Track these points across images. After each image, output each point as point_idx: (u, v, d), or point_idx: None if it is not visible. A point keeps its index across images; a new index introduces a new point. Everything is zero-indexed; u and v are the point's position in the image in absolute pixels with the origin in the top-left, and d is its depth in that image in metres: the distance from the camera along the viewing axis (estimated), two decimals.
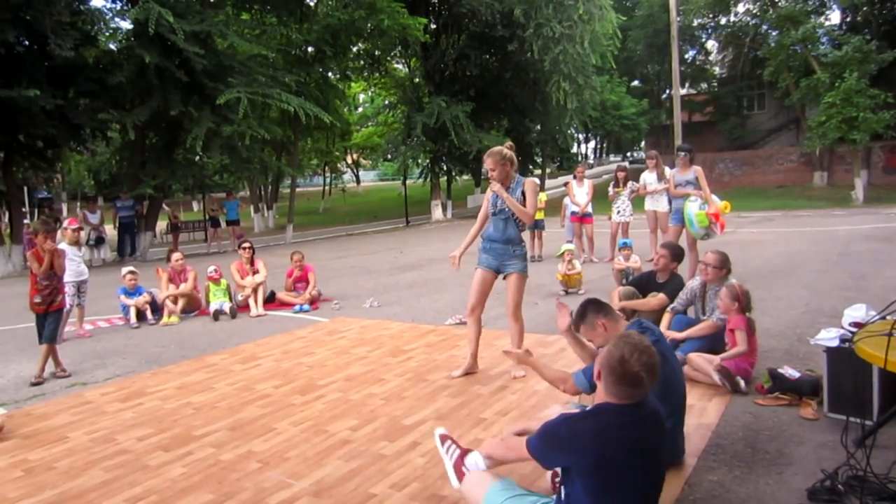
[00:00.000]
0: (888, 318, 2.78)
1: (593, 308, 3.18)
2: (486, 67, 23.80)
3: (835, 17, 26.94)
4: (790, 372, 4.10)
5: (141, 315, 7.59)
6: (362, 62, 24.44)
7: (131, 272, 7.76)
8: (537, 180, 6.14)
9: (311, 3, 20.78)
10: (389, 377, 4.89)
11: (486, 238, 4.71)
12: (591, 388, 3.02)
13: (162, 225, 20.70)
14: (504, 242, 4.62)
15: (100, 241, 15.73)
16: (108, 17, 16.26)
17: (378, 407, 4.23)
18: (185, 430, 3.96)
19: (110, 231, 16.72)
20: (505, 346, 4.60)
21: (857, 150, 21.45)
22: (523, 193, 4.58)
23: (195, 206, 39.53)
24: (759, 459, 3.23)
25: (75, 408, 4.54)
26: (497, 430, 3.67)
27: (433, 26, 23.79)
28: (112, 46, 17.17)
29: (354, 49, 22.87)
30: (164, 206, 18.60)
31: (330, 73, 22.48)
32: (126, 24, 16.77)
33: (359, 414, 4.12)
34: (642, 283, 5.48)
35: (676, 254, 5.33)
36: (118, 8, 16.43)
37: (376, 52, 23.42)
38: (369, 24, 19.25)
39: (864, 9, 24.24)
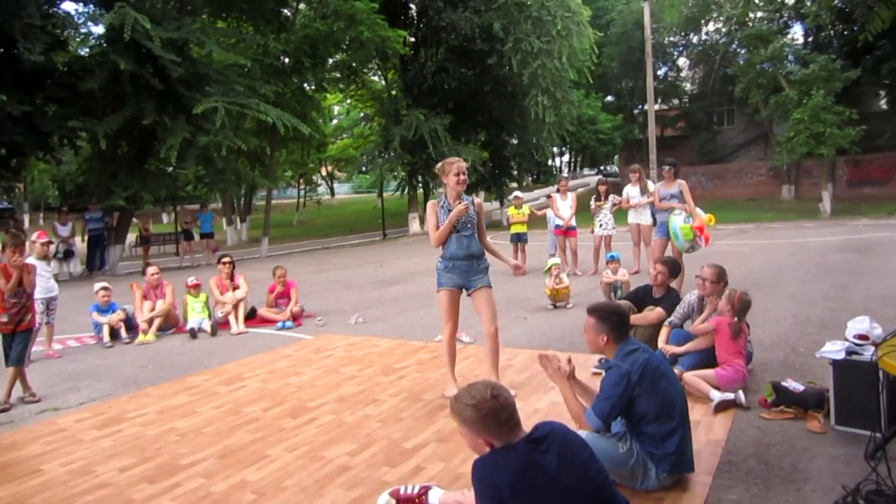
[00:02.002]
0: None
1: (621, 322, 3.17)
2: (465, 81, 23.79)
3: (798, 35, 27.74)
4: (794, 385, 4.06)
5: (115, 333, 7.25)
6: (339, 74, 24.27)
7: (105, 288, 7.45)
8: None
9: (290, 14, 20.58)
10: (384, 397, 4.70)
11: (447, 258, 4.55)
12: (605, 426, 3.02)
13: (131, 237, 20.17)
14: (468, 259, 4.52)
15: (69, 254, 15.20)
16: (79, 22, 15.82)
17: (375, 430, 4.05)
18: (170, 459, 3.72)
19: (79, 244, 16.18)
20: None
21: (823, 164, 22.00)
22: (476, 213, 4.56)
23: (165, 217, 38.80)
24: (775, 476, 3.15)
25: (48, 436, 4.25)
26: None
27: (412, 39, 23.79)
28: (84, 52, 16.70)
29: (331, 60, 22.71)
30: (133, 217, 18.10)
31: (305, 85, 22.26)
32: (98, 29, 16.38)
33: (355, 437, 3.93)
34: (638, 298, 5.40)
35: (674, 269, 5.29)
36: (90, 12, 15.97)
37: (353, 64, 23.29)
38: (348, 36, 19.10)
39: (828, 28, 24.97)
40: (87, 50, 16.60)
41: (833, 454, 3.33)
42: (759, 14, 26.07)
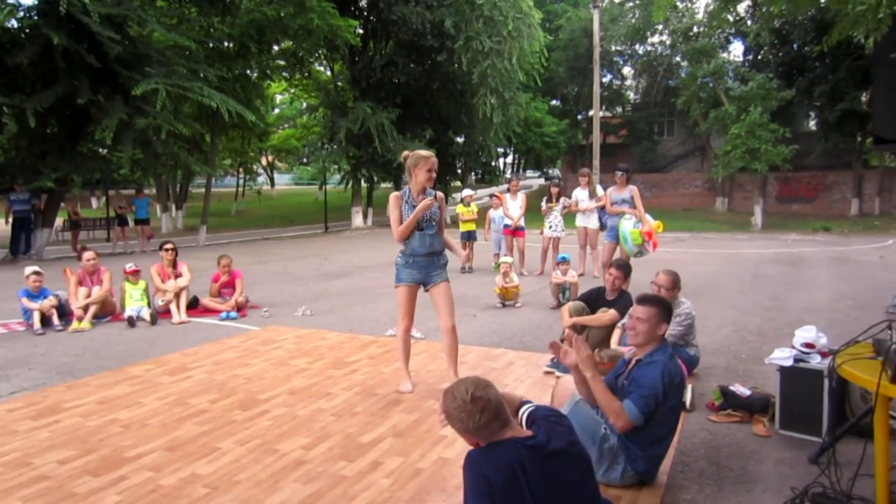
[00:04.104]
0: (863, 341, 2.85)
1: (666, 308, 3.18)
2: (414, 76, 23.69)
3: (737, 50, 28.98)
4: (741, 389, 4.19)
5: (46, 320, 6.82)
6: (284, 61, 23.74)
7: (36, 273, 7.00)
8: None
9: None
10: (336, 391, 4.61)
11: (407, 254, 4.52)
12: (644, 420, 2.96)
13: (59, 221, 19.13)
14: (429, 255, 4.51)
15: None
16: None
17: (329, 423, 3.96)
18: (114, 452, 3.52)
19: (1, 226, 15.23)
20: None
21: (756, 179, 23.06)
22: (439, 209, 4.56)
23: (94, 202, 37.02)
24: (726, 477, 3.25)
25: None
26: (459, 447, 3.49)
27: (360, 31, 23.51)
28: (12, 24, 15.65)
29: (277, 47, 22.18)
30: (62, 201, 17.16)
31: (249, 71, 21.63)
32: (28, 1, 15.41)
33: (310, 431, 3.83)
34: (591, 299, 5.47)
35: (627, 272, 5.39)
36: None
37: (300, 53, 22.82)
38: (297, 23, 18.66)
39: (766, 47, 26.16)
40: (15, 22, 15.61)
41: (779, 457, 3.46)
42: (703, 28, 27.09)
